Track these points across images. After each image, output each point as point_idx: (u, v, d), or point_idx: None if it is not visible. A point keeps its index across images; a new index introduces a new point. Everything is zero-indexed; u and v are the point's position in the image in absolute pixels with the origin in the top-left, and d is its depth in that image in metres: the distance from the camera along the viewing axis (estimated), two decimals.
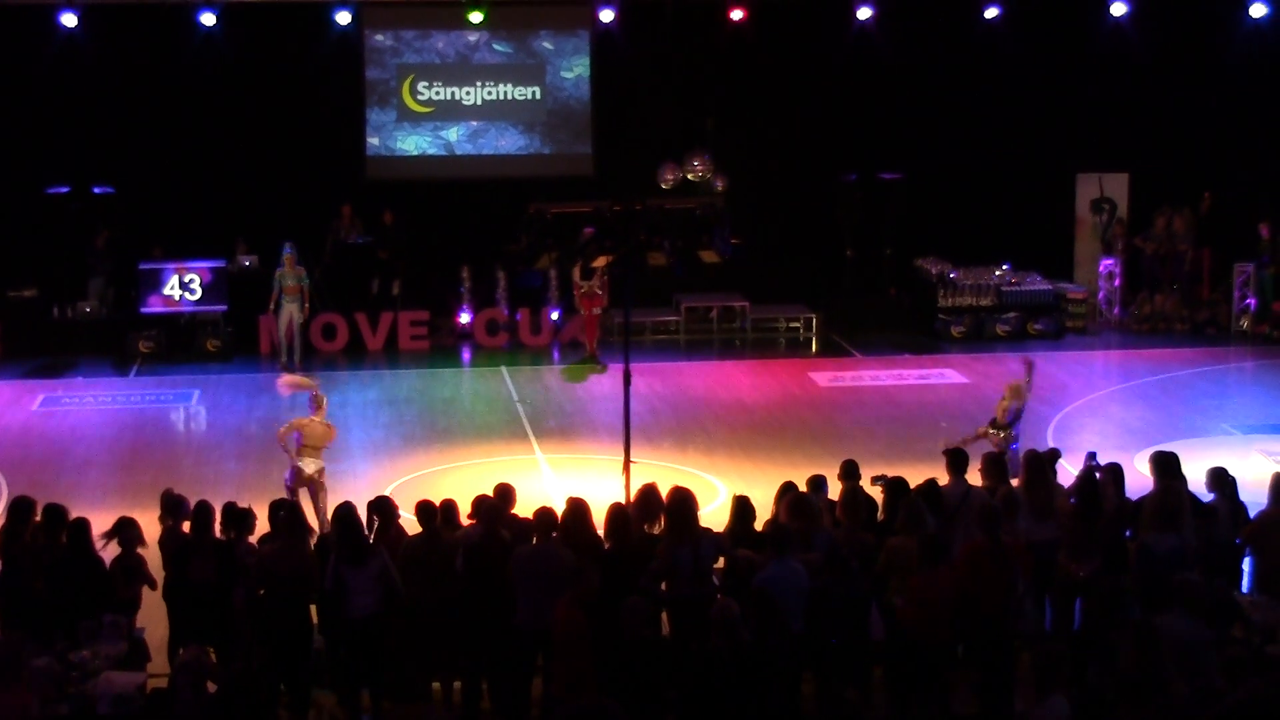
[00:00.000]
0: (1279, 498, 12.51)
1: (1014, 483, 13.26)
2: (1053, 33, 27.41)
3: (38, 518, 12.27)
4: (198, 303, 24.94)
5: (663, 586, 11.72)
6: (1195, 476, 13.25)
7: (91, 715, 10.28)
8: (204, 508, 12.20)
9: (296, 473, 15.34)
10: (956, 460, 13.21)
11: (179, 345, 24.84)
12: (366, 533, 12.01)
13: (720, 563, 12.01)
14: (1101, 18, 27.28)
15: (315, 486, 15.46)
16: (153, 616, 12.28)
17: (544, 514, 11.65)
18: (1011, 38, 27.22)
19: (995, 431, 15.86)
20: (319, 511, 15.14)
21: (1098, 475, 13.14)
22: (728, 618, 10.12)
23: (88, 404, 22.09)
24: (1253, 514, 12.90)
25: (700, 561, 11.58)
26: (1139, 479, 14.89)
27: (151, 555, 12.35)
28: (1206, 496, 13.00)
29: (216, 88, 26.05)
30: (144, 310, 24.91)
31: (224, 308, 25.06)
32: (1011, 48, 27.24)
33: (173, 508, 12.54)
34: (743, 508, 12.55)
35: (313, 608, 11.99)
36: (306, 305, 24.14)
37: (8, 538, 12.17)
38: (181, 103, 26.02)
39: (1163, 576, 11.51)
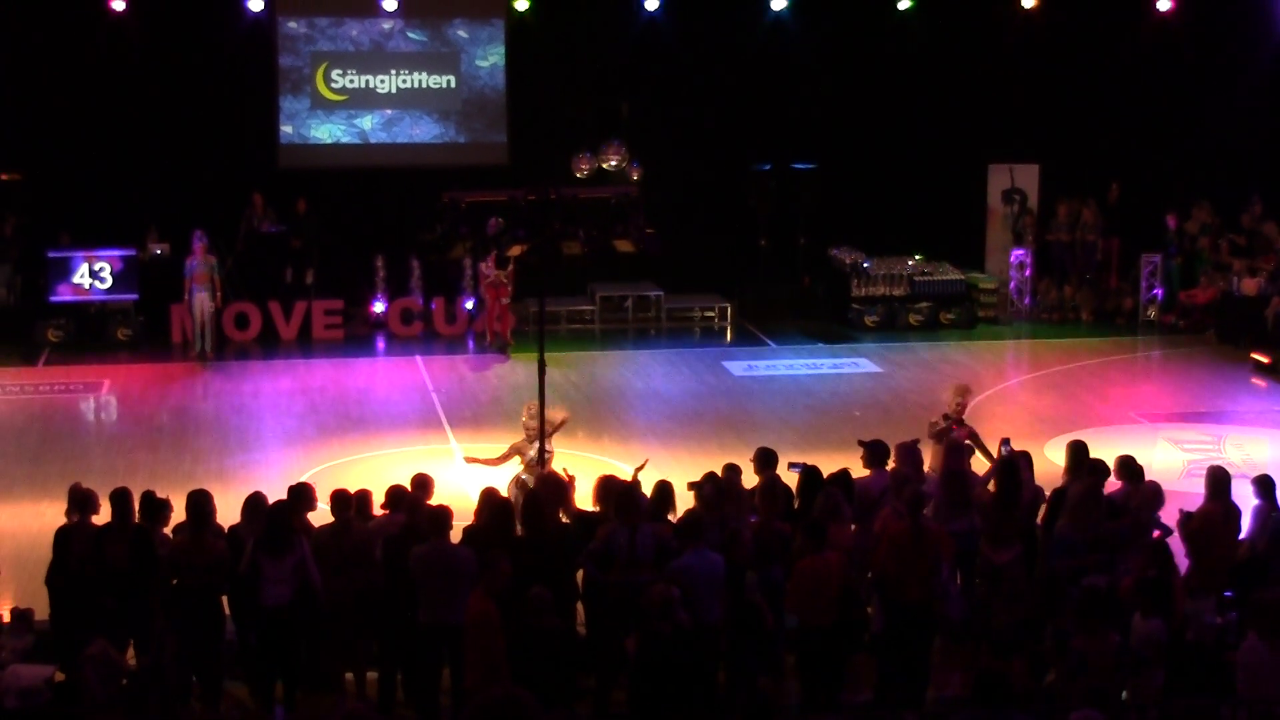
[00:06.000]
0: (1217, 493, 12.48)
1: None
2: (965, 23, 27.63)
3: None
4: (108, 291, 24.71)
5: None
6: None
7: None
8: (123, 493, 12.07)
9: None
10: (877, 452, 13.28)
11: (89, 334, 24.59)
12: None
13: None
14: (1011, 8, 27.57)
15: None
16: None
17: (438, 512, 11.54)
18: (924, 28, 27.46)
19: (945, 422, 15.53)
20: None
21: (1017, 462, 13.24)
22: (665, 602, 10.13)
23: None
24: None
25: (637, 548, 11.55)
26: (1049, 467, 15.09)
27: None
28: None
29: (127, 73, 25.73)
30: (53, 299, 24.65)
31: (135, 296, 24.83)
32: (924, 38, 27.48)
33: (81, 502, 12.33)
34: (662, 494, 12.55)
35: (224, 599, 11.92)
36: (219, 294, 23.94)
37: None
38: (92, 88, 25.68)
39: (1076, 568, 11.65)
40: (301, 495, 12.39)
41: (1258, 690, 9.70)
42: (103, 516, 12.13)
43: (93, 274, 24.62)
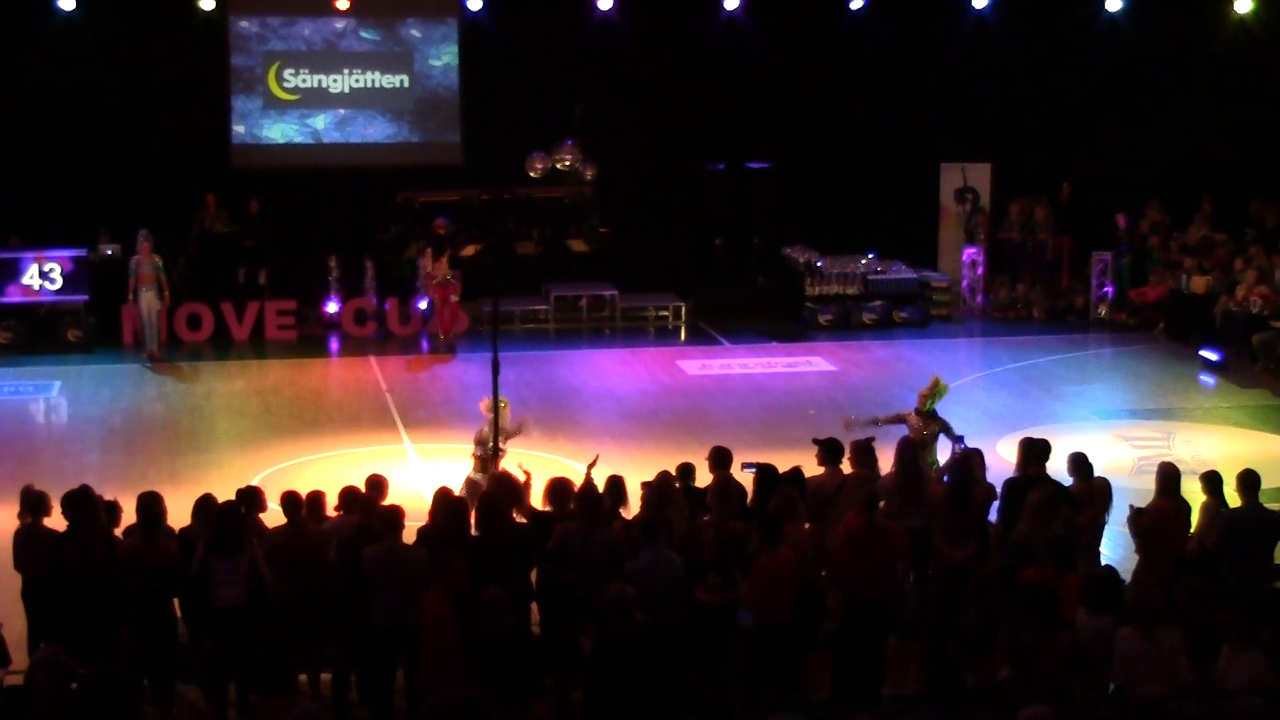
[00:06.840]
0: (1167, 489, 12.54)
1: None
2: (917, 23, 27.77)
3: None
4: (58, 292, 24.54)
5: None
6: (1055, 464, 13.47)
7: None
8: (89, 493, 11.99)
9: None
10: (832, 450, 13.30)
11: (39, 336, 24.42)
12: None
13: None
14: (964, 9, 27.74)
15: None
16: (10, 612, 12.02)
17: (391, 512, 11.52)
18: (877, 28, 27.57)
19: (916, 417, 15.37)
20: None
21: (970, 459, 13.31)
22: (622, 602, 10.13)
23: None
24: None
25: (593, 548, 11.50)
26: (1002, 465, 15.16)
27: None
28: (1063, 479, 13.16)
29: (77, 73, 25.58)
30: (2, 300, 24.45)
31: (86, 298, 24.66)
32: (877, 38, 27.60)
33: (33, 504, 12.25)
34: (615, 489, 12.55)
35: (176, 601, 11.86)
36: (166, 293, 23.80)
37: None
38: (40, 88, 25.53)
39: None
40: (249, 499, 12.34)
41: (1132, 678, 9.85)
42: (54, 519, 12.06)
43: (43, 275, 24.45)
